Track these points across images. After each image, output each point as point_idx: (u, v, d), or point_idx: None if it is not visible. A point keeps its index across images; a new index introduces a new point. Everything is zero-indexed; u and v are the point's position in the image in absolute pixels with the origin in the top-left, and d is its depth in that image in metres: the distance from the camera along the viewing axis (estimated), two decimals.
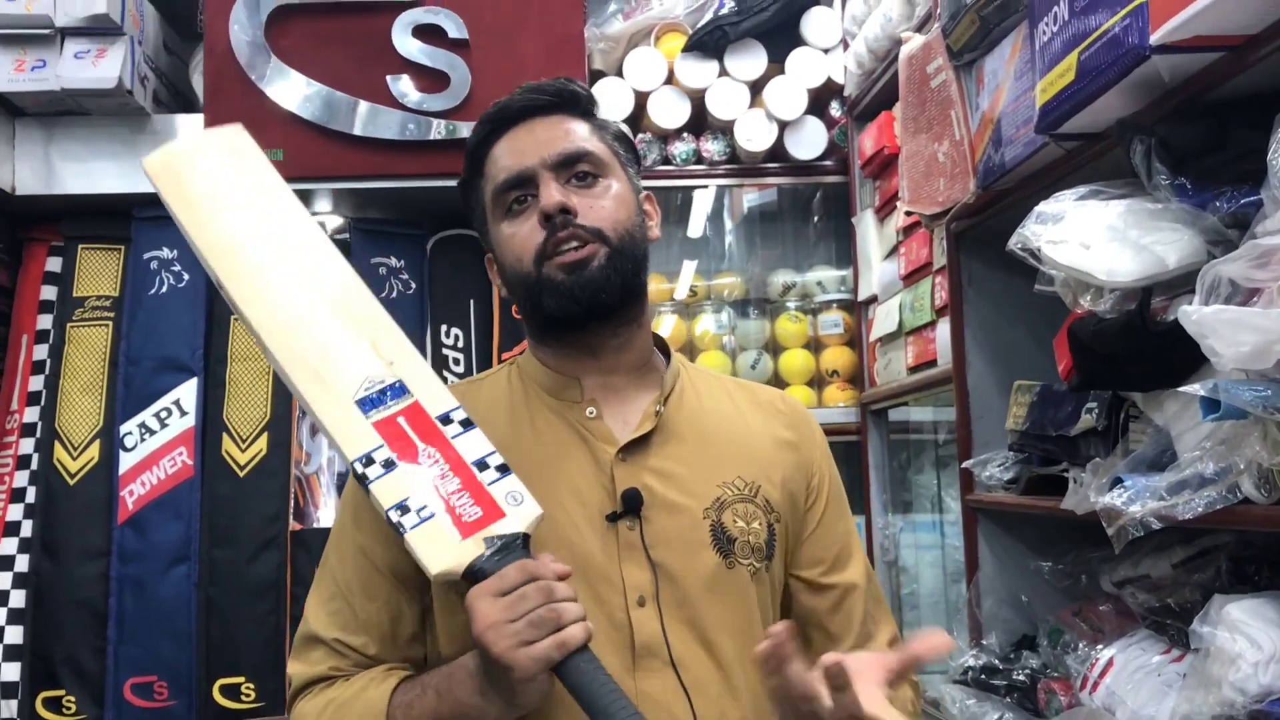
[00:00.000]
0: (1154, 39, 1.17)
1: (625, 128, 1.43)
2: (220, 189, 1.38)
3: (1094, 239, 1.28)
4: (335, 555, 1.34)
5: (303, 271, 1.36)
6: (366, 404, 1.25)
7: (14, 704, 2.49)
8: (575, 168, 1.30)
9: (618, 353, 1.33)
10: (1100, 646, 1.63)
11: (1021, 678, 1.81)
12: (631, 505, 1.26)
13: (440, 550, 1.15)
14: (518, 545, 1.15)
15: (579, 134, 1.33)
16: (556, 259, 1.27)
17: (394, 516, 1.17)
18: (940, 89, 1.82)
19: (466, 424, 1.25)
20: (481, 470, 1.21)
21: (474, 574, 1.12)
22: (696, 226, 3.19)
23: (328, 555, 1.36)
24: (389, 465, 1.20)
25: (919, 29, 2.18)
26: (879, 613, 1.40)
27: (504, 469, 1.22)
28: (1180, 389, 1.16)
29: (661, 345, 1.42)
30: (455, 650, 1.24)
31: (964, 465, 1.95)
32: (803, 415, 1.44)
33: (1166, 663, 1.46)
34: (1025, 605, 1.92)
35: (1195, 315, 1.07)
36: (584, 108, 1.36)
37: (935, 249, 2.18)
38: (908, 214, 2.18)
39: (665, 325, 2.86)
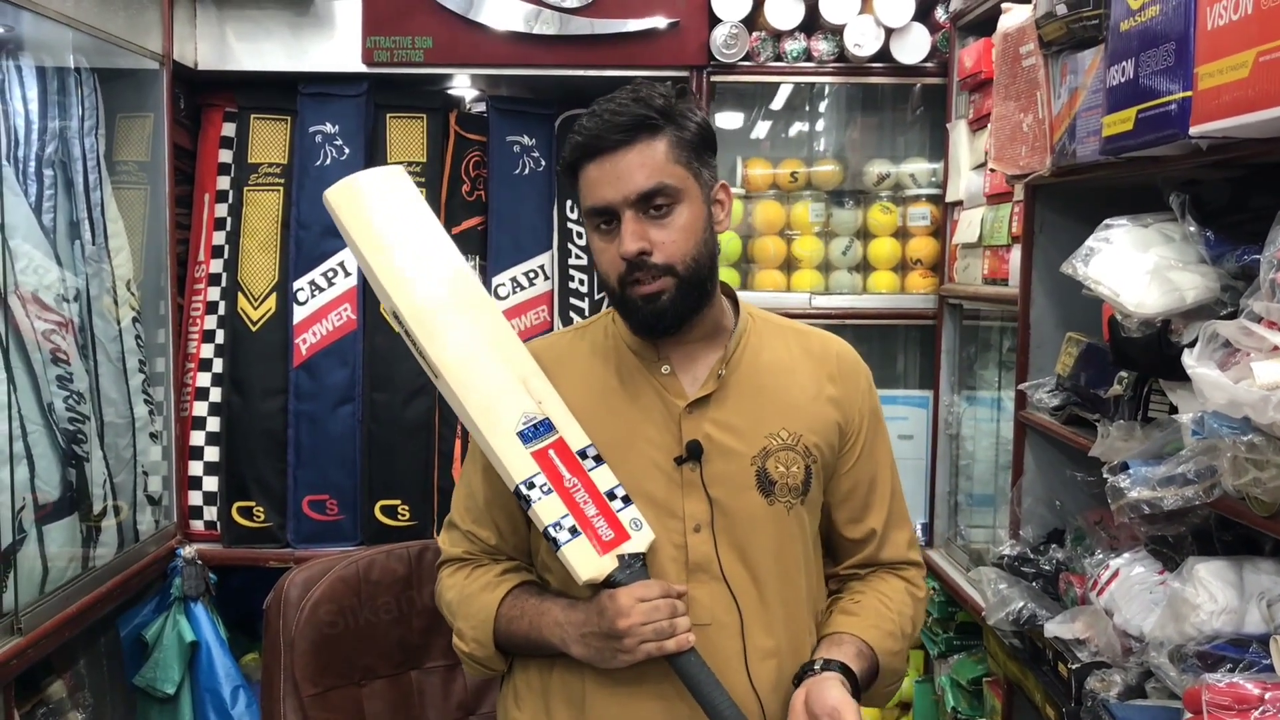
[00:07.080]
0: (1193, 131, 1.44)
1: (703, 121, 1.57)
2: (392, 225, 1.59)
3: (1128, 274, 1.58)
4: (472, 465, 1.67)
5: (466, 311, 1.59)
6: (525, 436, 1.52)
7: (214, 510, 3.02)
8: (652, 201, 1.50)
9: (690, 330, 1.60)
10: (1112, 554, 2.00)
11: (1048, 568, 2.19)
12: (694, 453, 1.56)
13: (587, 562, 1.48)
14: (641, 562, 1.50)
15: (656, 162, 1.50)
16: (635, 289, 1.52)
17: (551, 532, 1.49)
18: (1029, 70, 2.06)
19: (598, 459, 1.54)
20: (611, 500, 1.52)
21: (612, 583, 1.48)
22: (802, 118, 3.43)
23: (468, 461, 1.69)
24: (546, 490, 1.50)
25: None
26: (895, 528, 1.71)
27: (627, 499, 1.53)
28: (1177, 415, 1.49)
29: (732, 297, 1.67)
30: (546, 552, 1.59)
31: (1019, 387, 2.29)
32: (850, 367, 1.69)
33: (1157, 584, 1.83)
34: (1059, 507, 2.28)
35: (1193, 367, 1.39)
36: (661, 122, 1.52)
37: (1017, 185, 2.44)
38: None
39: (767, 210, 3.15)
